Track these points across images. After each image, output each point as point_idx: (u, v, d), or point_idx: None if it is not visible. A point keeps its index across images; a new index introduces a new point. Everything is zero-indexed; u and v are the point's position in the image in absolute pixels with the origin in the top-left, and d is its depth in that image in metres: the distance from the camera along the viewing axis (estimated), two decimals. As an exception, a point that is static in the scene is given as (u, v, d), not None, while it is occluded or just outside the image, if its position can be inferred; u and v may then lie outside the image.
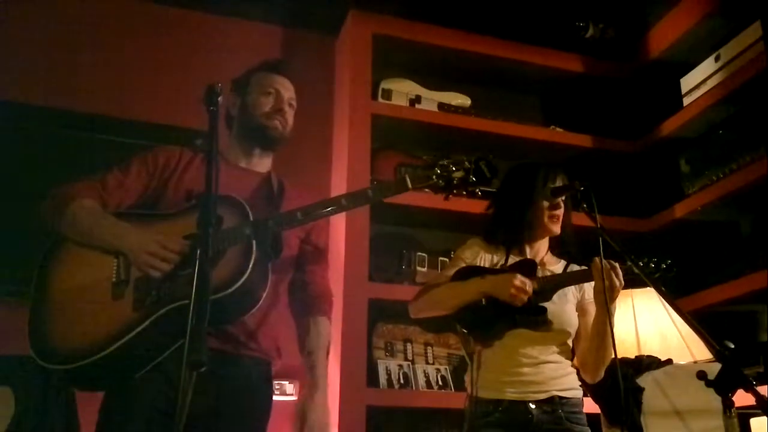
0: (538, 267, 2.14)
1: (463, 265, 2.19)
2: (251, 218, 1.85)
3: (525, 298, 2.01)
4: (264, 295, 1.85)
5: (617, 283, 1.98)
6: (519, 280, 2.01)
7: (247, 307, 1.84)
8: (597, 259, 1.99)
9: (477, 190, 1.95)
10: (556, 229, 2.19)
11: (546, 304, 2.08)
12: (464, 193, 1.96)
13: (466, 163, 1.91)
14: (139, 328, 1.74)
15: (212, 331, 1.78)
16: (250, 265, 1.76)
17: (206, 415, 1.73)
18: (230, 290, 1.73)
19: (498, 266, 2.17)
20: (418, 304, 2.22)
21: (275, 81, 2.15)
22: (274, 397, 2.68)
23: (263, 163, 2.17)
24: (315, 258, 2.18)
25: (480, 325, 2.10)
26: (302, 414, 1.96)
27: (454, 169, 1.91)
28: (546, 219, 2.17)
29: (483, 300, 2.07)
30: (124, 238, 1.83)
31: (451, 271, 2.18)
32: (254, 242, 1.80)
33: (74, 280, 1.85)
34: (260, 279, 1.84)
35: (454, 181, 1.91)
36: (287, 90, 2.16)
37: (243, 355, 1.92)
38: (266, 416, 2.01)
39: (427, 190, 1.99)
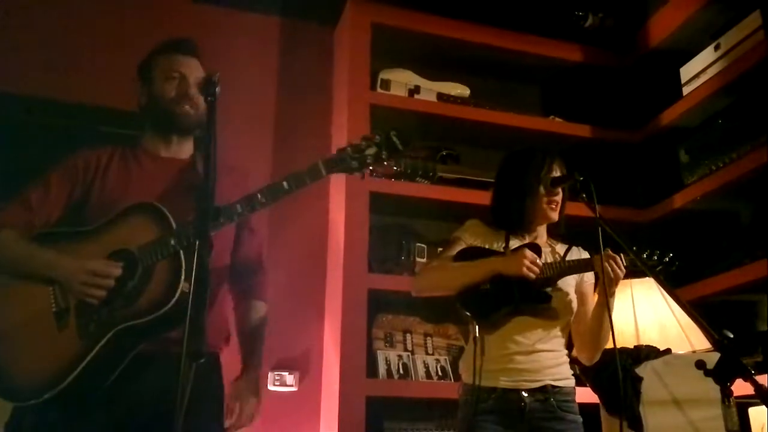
0: (543, 250, 2.14)
1: (464, 245, 2.19)
2: (173, 225, 1.80)
3: (538, 270, 2.02)
4: (208, 294, 1.81)
5: (619, 274, 1.99)
6: (530, 253, 2.02)
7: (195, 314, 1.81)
8: (601, 251, 2.00)
9: (393, 164, 1.95)
10: (554, 215, 2.19)
11: (549, 291, 2.09)
12: (380, 168, 1.95)
13: (377, 137, 1.91)
14: (89, 357, 1.74)
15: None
16: (181, 281, 1.74)
17: (152, 421, 1.72)
18: (167, 308, 1.72)
19: (501, 249, 2.17)
20: (422, 283, 2.22)
21: (179, 63, 2.05)
22: (274, 388, 2.69)
23: (184, 149, 2.10)
24: (248, 240, 2.15)
25: (483, 310, 2.09)
26: (238, 395, 1.98)
27: (364, 145, 1.90)
28: (545, 206, 2.17)
29: (488, 284, 2.06)
30: (55, 269, 1.80)
31: (453, 252, 2.17)
32: (182, 252, 1.76)
33: (15, 314, 1.81)
34: (200, 283, 1.79)
35: (368, 159, 1.89)
36: (193, 71, 2.05)
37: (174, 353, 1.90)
38: (215, 405, 1.97)
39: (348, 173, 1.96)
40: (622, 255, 2.03)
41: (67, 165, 2.00)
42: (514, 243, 2.18)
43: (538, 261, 2.03)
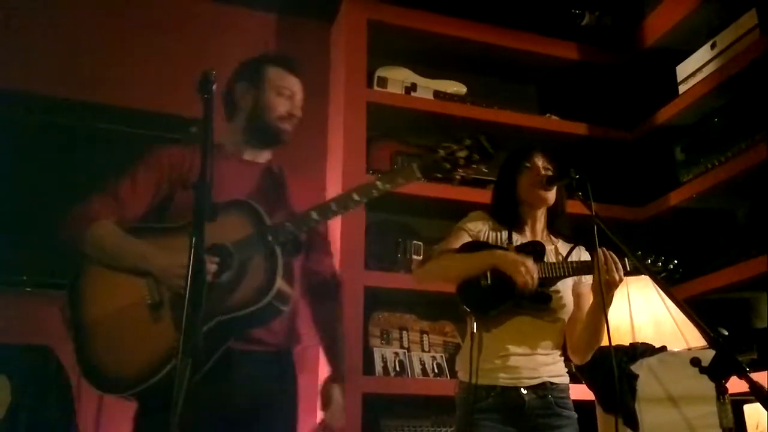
0: (546, 248, 2.15)
1: (468, 236, 2.19)
2: (267, 223, 1.86)
3: (531, 287, 2.00)
4: (292, 296, 1.89)
5: (616, 278, 1.99)
6: (531, 265, 2.01)
7: (278, 312, 1.87)
8: (600, 252, 2.00)
9: (482, 166, 1.98)
10: (544, 195, 2.19)
11: (549, 291, 2.09)
12: (470, 171, 1.99)
13: (467, 140, 1.92)
14: None
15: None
16: (278, 277, 1.79)
17: (235, 415, 1.82)
18: (263, 303, 1.77)
19: (504, 244, 2.18)
20: (424, 272, 2.23)
21: (291, 82, 2.11)
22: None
23: (264, 155, 2.16)
24: (320, 245, 2.21)
25: (483, 305, 2.09)
26: (328, 395, 2.07)
27: (456, 148, 1.92)
28: (530, 184, 2.18)
29: (489, 279, 2.06)
30: (151, 261, 1.83)
31: (457, 243, 2.17)
32: (277, 249, 1.82)
33: (111, 304, 1.84)
34: (287, 284, 1.87)
35: (460, 161, 1.92)
36: (300, 92, 2.13)
37: (255, 351, 1.94)
38: (292, 403, 2.05)
39: (438, 175, 2.00)
40: (626, 260, 2.03)
41: (153, 160, 2.02)
42: (517, 238, 2.19)
43: (535, 276, 2.00)
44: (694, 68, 3.23)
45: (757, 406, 2.47)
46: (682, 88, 3.31)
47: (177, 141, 2.78)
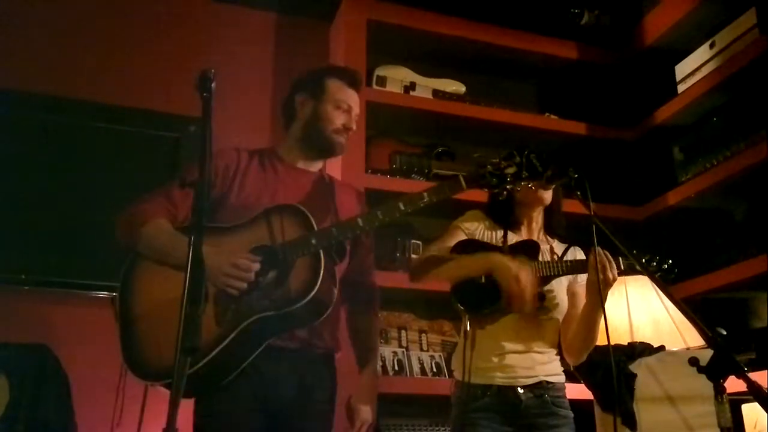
0: (541, 247, 2.14)
1: (463, 235, 2.19)
2: (315, 227, 1.91)
3: (523, 300, 1.97)
4: (334, 300, 1.94)
5: (611, 277, 1.99)
6: (524, 277, 1.97)
7: (319, 314, 1.92)
8: (594, 251, 2.00)
9: (530, 185, 1.98)
10: (540, 195, 2.18)
11: (543, 290, 2.09)
12: (518, 189, 2.00)
13: (517, 156, 1.94)
14: (225, 342, 1.82)
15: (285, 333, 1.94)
16: (320, 278, 1.85)
17: (292, 405, 1.93)
18: (303, 302, 1.82)
19: (499, 244, 2.18)
20: (419, 271, 2.22)
21: (350, 96, 2.17)
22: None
23: (317, 164, 2.22)
24: (363, 256, 2.26)
25: (477, 304, 2.09)
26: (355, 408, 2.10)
27: (505, 165, 1.94)
28: (525, 188, 2.14)
29: (483, 278, 2.06)
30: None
31: (452, 242, 2.17)
32: (322, 253, 1.87)
33: (157, 296, 1.91)
34: (329, 287, 1.93)
35: (508, 177, 1.94)
36: (356, 106, 2.19)
37: (312, 352, 2.03)
38: (334, 400, 2.12)
39: (483, 185, 2.00)
40: (621, 259, 2.03)
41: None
42: (513, 237, 2.19)
43: (528, 289, 1.98)
44: (693, 67, 3.23)
45: (755, 406, 2.47)
46: (680, 88, 3.31)
47: (176, 140, 2.79)
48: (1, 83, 2.93)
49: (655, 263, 2.12)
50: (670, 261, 2.12)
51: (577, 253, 2.22)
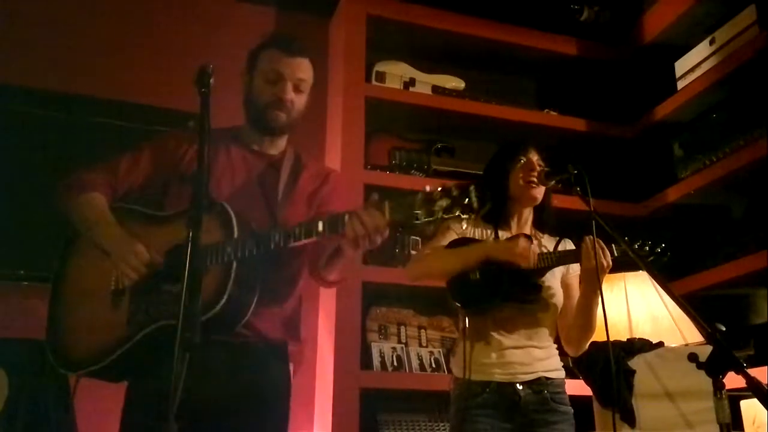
0: (534, 242, 2.15)
1: (455, 235, 2.19)
2: (235, 233, 1.74)
3: (531, 258, 2.01)
4: (254, 300, 1.77)
5: (604, 264, 2.00)
6: (524, 240, 2.03)
7: (238, 317, 1.77)
8: (587, 239, 2.01)
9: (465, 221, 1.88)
10: (535, 193, 2.19)
11: (539, 282, 2.10)
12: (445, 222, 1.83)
13: (454, 191, 1.64)
14: (129, 344, 1.75)
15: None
16: (229, 286, 1.69)
17: (222, 405, 1.76)
18: (214, 311, 1.67)
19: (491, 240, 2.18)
20: (416, 270, 2.23)
21: (281, 64, 1.97)
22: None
23: (276, 145, 2.06)
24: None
25: (472, 299, 2.10)
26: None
27: (437, 195, 1.65)
28: (522, 183, 2.17)
29: (477, 273, 2.06)
30: (111, 242, 1.81)
31: (445, 241, 2.18)
32: (234, 263, 1.71)
33: (84, 281, 1.86)
34: (247, 289, 1.76)
35: (437, 213, 1.64)
36: (294, 73, 1.98)
37: (247, 342, 1.86)
38: (282, 396, 1.94)
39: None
40: (613, 245, 2.04)
41: (159, 142, 2.01)
42: (503, 234, 2.19)
43: (534, 248, 2.04)
44: (693, 64, 3.23)
45: (754, 402, 2.47)
46: (680, 84, 3.30)
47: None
48: (3, 79, 2.93)
49: (647, 248, 2.11)
50: (663, 245, 2.11)
51: (567, 245, 2.23)
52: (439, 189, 1.65)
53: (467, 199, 1.62)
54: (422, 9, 3.40)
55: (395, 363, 3.00)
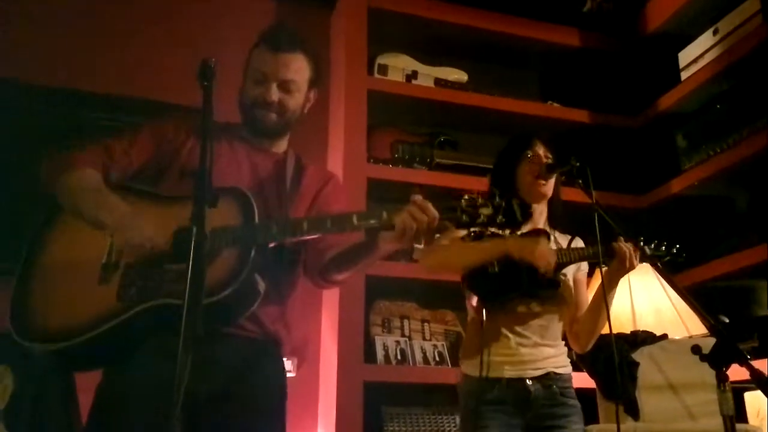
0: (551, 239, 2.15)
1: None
2: (256, 218, 1.72)
3: (550, 263, 1.99)
4: (263, 290, 1.75)
5: (635, 265, 2.04)
6: (544, 243, 2.02)
7: (246, 306, 1.74)
8: (621, 240, 2.04)
9: (504, 231, 1.85)
10: (544, 190, 2.18)
11: (557, 277, 2.09)
12: (489, 232, 1.87)
13: (497, 199, 1.69)
14: (118, 320, 1.65)
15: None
16: (245, 271, 1.65)
17: (209, 399, 1.65)
18: (225, 293, 1.62)
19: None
20: (433, 259, 2.20)
21: (266, 63, 1.91)
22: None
23: (278, 144, 2.02)
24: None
25: (492, 292, 2.08)
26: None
27: (482, 203, 1.70)
28: (530, 178, 2.16)
29: (496, 267, 2.04)
30: (110, 213, 1.72)
31: (459, 235, 2.14)
32: (253, 250, 1.68)
33: (64, 255, 1.75)
34: (260, 278, 1.74)
35: (481, 218, 1.70)
36: (279, 72, 1.90)
37: (237, 335, 1.81)
38: (275, 393, 1.90)
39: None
40: (645, 247, 2.06)
41: (158, 125, 1.95)
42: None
43: (552, 256, 2.01)
44: (697, 54, 3.22)
45: (757, 394, 2.48)
46: (684, 75, 3.29)
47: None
48: (2, 73, 2.92)
49: (664, 248, 2.12)
50: (678, 246, 2.12)
51: (579, 244, 2.22)
52: (478, 195, 1.69)
53: (511, 212, 1.67)
54: (424, 1, 3.39)
55: (399, 356, 3.00)
